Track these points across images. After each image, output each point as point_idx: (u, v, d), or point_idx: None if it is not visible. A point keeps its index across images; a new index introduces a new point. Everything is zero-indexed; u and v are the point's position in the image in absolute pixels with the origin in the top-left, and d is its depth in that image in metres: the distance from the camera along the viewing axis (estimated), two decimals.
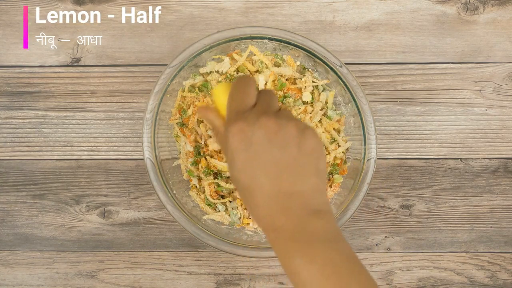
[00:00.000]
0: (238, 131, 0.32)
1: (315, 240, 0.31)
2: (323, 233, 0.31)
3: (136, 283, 0.62)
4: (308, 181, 0.32)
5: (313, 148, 0.33)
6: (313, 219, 0.31)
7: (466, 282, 0.62)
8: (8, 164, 0.61)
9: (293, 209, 0.31)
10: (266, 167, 0.32)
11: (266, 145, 0.32)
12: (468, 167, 0.61)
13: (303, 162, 0.32)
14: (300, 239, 0.31)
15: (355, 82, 0.53)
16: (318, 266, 0.30)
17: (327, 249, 0.31)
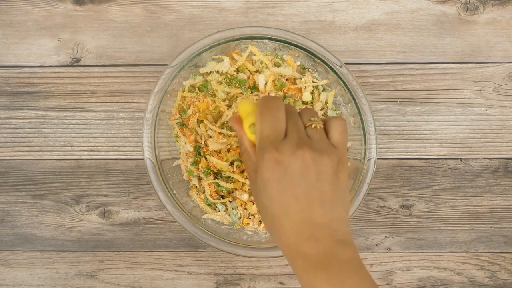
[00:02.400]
0: (273, 162, 0.33)
1: (343, 268, 0.32)
2: (350, 261, 0.32)
3: (136, 283, 0.62)
4: (335, 212, 0.33)
5: (343, 182, 0.34)
6: (341, 248, 0.33)
7: (466, 282, 0.62)
8: (8, 164, 0.61)
9: (322, 239, 0.32)
10: (298, 198, 0.33)
11: (300, 178, 0.33)
12: (468, 167, 0.61)
13: (332, 195, 0.33)
14: (328, 267, 0.32)
15: (355, 82, 0.53)
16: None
17: (354, 277, 0.32)
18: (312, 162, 0.33)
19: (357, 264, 0.33)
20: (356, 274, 0.32)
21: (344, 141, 0.36)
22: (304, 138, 0.35)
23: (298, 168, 0.33)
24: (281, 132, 0.35)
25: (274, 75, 0.56)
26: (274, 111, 0.36)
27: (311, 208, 0.33)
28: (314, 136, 0.35)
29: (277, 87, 0.56)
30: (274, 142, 0.34)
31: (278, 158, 0.33)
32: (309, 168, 0.33)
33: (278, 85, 0.56)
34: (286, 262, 0.62)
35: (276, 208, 0.33)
